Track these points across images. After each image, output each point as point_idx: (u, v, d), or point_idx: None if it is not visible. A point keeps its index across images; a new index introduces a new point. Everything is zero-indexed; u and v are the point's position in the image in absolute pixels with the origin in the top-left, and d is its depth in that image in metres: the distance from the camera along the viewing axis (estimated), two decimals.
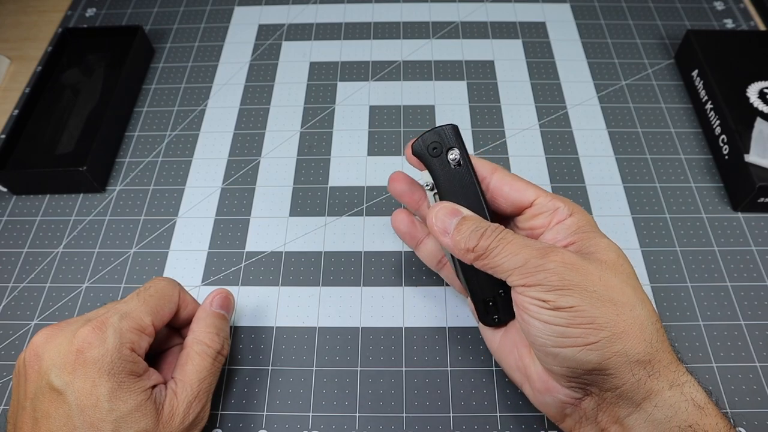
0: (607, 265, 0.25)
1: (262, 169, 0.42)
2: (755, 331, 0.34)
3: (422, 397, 0.32)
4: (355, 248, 0.38)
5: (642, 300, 0.25)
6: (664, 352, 0.24)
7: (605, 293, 0.24)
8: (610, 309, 0.24)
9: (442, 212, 0.28)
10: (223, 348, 0.30)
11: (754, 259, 0.37)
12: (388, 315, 0.35)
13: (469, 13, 0.52)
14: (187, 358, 0.29)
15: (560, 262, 0.25)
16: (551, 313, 0.24)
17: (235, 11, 0.53)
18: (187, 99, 0.47)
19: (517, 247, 0.26)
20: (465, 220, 0.27)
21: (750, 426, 0.31)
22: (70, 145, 0.42)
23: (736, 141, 0.39)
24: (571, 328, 0.24)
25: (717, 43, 0.45)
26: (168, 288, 0.30)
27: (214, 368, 0.29)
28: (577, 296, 0.24)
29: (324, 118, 0.45)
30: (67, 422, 0.24)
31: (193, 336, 0.30)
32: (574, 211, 0.28)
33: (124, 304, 0.28)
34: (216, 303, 0.31)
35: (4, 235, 0.40)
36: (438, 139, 0.29)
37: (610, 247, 0.26)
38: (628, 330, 0.24)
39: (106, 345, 0.25)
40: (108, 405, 0.25)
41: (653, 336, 0.24)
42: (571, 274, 0.24)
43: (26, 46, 0.52)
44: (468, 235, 0.27)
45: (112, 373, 0.25)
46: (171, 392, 0.27)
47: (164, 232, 0.39)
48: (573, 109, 0.45)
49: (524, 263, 0.25)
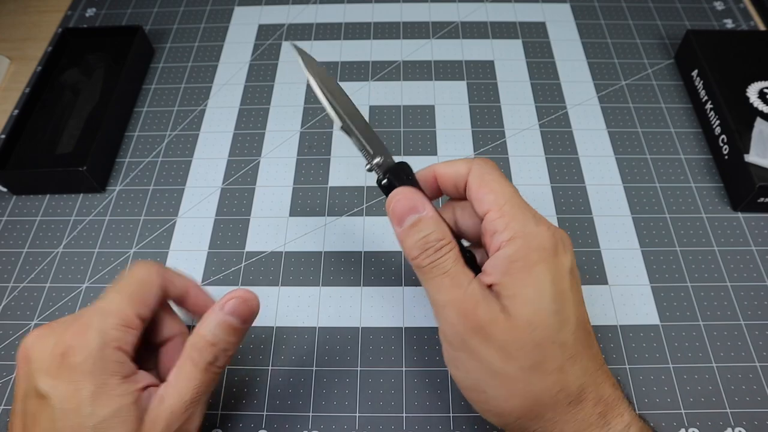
0: (513, 330, 0.23)
1: (262, 169, 0.42)
2: (755, 331, 0.34)
3: (422, 397, 0.32)
4: (355, 248, 0.38)
5: (545, 371, 0.23)
6: (568, 423, 0.23)
7: (501, 367, 0.23)
8: (501, 384, 0.24)
9: (400, 204, 0.26)
10: (217, 359, 0.26)
11: (754, 259, 0.37)
12: (388, 315, 0.35)
13: (469, 13, 0.52)
14: (181, 362, 0.26)
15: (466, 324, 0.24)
16: (451, 370, 0.26)
17: (235, 11, 0.53)
18: (187, 99, 0.47)
19: (446, 284, 0.24)
20: (420, 222, 0.26)
21: (750, 426, 0.31)
22: (70, 145, 0.42)
23: (736, 141, 0.39)
24: (466, 391, 0.25)
25: (717, 43, 0.45)
26: (144, 272, 0.27)
27: (204, 378, 0.26)
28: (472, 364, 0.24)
29: (324, 118, 0.45)
30: (52, 426, 0.24)
31: (190, 339, 0.26)
32: (515, 237, 0.24)
33: (104, 300, 0.26)
34: (228, 307, 0.26)
35: (4, 235, 0.40)
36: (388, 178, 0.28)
37: (529, 303, 0.23)
38: (517, 405, 0.24)
39: (89, 347, 0.24)
40: (89, 409, 0.24)
41: (548, 410, 0.23)
42: (471, 339, 0.24)
43: (26, 46, 0.52)
44: (413, 243, 0.25)
45: (95, 375, 0.24)
46: (158, 398, 0.25)
47: (164, 232, 0.39)
48: (573, 109, 0.45)
49: (442, 306, 0.25)
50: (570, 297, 0.24)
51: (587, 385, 0.24)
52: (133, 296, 0.26)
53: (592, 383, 0.24)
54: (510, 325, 0.23)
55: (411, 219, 0.26)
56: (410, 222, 0.26)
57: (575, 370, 0.23)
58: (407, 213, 0.26)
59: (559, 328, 0.23)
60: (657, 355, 0.33)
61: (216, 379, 0.27)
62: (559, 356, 0.23)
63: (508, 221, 0.24)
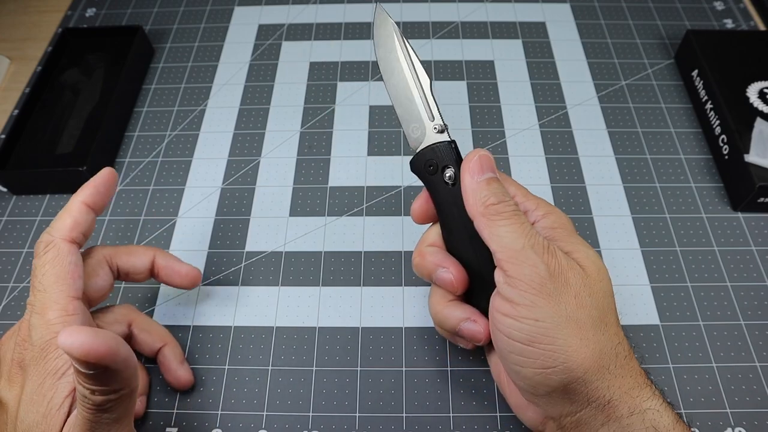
0: (587, 278, 0.25)
1: (262, 169, 0.42)
2: (755, 331, 0.34)
3: (422, 397, 0.32)
4: (355, 248, 0.38)
5: (607, 323, 0.24)
6: (626, 377, 0.24)
7: (574, 313, 0.24)
8: (574, 331, 0.23)
9: (485, 159, 0.27)
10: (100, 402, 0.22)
11: (754, 259, 0.37)
12: (388, 315, 0.35)
13: (469, 13, 0.52)
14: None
15: (548, 266, 0.24)
16: (513, 324, 0.24)
17: (235, 11, 0.53)
18: (187, 99, 0.47)
19: (525, 230, 0.25)
20: (497, 180, 0.27)
21: (750, 426, 0.31)
22: (70, 145, 0.42)
23: (736, 141, 0.39)
24: (530, 347, 0.24)
25: (717, 43, 0.45)
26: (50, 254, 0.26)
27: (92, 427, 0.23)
28: (547, 309, 0.24)
29: (324, 118, 0.45)
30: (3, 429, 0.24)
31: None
32: (549, 212, 0.27)
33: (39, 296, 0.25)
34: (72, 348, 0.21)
35: (4, 235, 0.40)
36: (433, 156, 0.28)
37: (590, 257, 0.26)
38: (587, 355, 0.23)
39: (32, 352, 0.24)
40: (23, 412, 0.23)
41: (612, 362, 0.24)
42: (551, 281, 0.24)
43: (26, 46, 0.52)
44: (492, 192, 0.26)
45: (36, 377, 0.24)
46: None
47: (164, 232, 0.39)
48: (573, 109, 0.45)
49: (521, 247, 0.24)
50: None
51: (630, 347, 0.25)
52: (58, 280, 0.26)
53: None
54: (584, 273, 0.25)
55: (490, 174, 0.27)
56: (489, 176, 0.26)
57: (621, 331, 0.25)
58: (488, 169, 0.27)
59: (611, 285, 0.26)
60: (657, 355, 0.33)
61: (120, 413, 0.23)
62: (615, 311, 0.25)
63: (537, 202, 0.28)
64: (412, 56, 0.30)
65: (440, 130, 0.28)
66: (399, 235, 0.38)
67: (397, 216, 0.39)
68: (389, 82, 0.30)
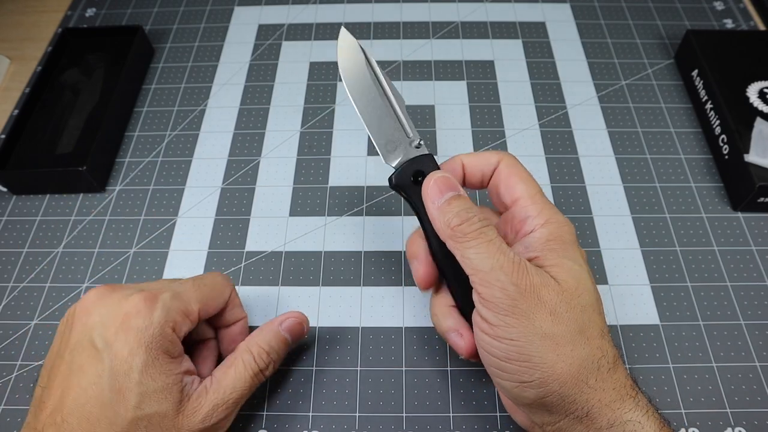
0: (563, 293, 0.24)
1: (262, 169, 0.42)
2: (755, 331, 0.34)
3: (422, 397, 0.32)
4: (355, 248, 0.38)
5: (588, 337, 0.24)
6: (607, 390, 0.24)
7: (550, 329, 0.24)
8: (550, 347, 0.23)
9: (441, 181, 0.27)
10: (267, 368, 0.29)
11: (754, 259, 0.37)
12: (388, 315, 0.35)
13: (469, 13, 0.52)
14: (233, 361, 0.28)
15: (519, 286, 0.24)
16: (491, 342, 0.25)
17: (235, 11, 0.53)
18: (187, 99, 0.47)
19: (492, 250, 0.25)
20: (459, 197, 0.26)
21: (750, 426, 0.31)
22: (70, 145, 0.42)
23: (736, 141, 0.39)
24: (507, 363, 0.24)
25: (717, 43, 0.45)
26: (222, 284, 0.30)
27: (252, 383, 0.28)
28: (521, 328, 0.24)
29: (324, 118, 0.45)
30: (98, 381, 0.25)
31: (247, 343, 0.29)
32: (549, 221, 0.27)
33: (179, 284, 0.28)
34: (285, 325, 0.30)
35: (4, 235, 0.40)
36: (420, 166, 0.28)
37: (572, 272, 0.25)
38: (564, 370, 0.23)
39: (152, 317, 0.26)
40: (138, 377, 0.25)
41: (591, 375, 0.24)
42: (523, 301, 0.24)
43: (26, 46, 0.52)
44: (455, 213, 0.26)
45: (150, 347, 0.25)
46: (203, 388, 0.27)
47: (164, 232, 0.39)
48: (573, 109, 0.45)
49: (489, 269, 0.24)
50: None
51: (617, 355, 0.25)
52: (205, 296, 0.28)
53: (618, 354, 0.25)
54: (559, 288, 0.24)
55: (450, 194, 0.26)
56: (450, 196, 0.26)
57: (610, 339, 0.25)
58: (446, 189, 0.27)
59: (597, 299, 0.26)
60: (657, 355, 0.33)
61: (257, 386, 0.29)
62: (600, 323, 0.25)
63: (540, 208, 0.27)
64: (381, 78, 0.30)
65: (418, 146, 0.29)
66: (399, 235, 0.38)
67: (397, 216, 0.39)
68: (360, 105, 0.30)
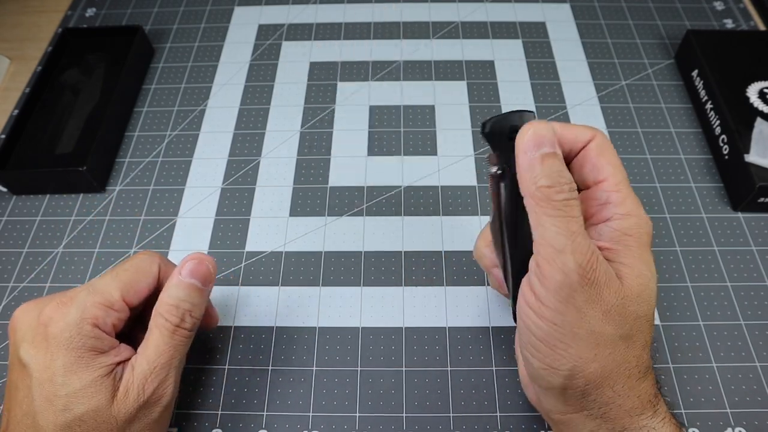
0: (623, 297, 0.23)
1: (262, 169, 0.42)
2: (755, 331, 0.34)
3: (422, 397, 0.32)
4: (355, 248, 0.38)
5: (630, 344, 0.23)
6: (630, 398, 0.23)
7: (598, 328, 0.23)
8: (591, 344, 0.23)
9: (541, 133, 0.24)
10: (183, 321, 0.27)
11: (754, 259, 0.37)
12: (388, 315, 0.35)
13: (469, 13, 0.52)
14: (149, 331, 0.27)
15: (582, 278, 0.22)
16: (534, 320, 0.24)
17: (235, 11, 0.53)
18: (187, 99, 0.47)
19: (573, 228, 0.23)
20: (554, 156, 0.24)
21: (750, 426, 0.31)
22: (70, 145, 0.42)
23: (736, 141, 0.39)
24: (543, 344, 0.24)
25: (717, 43, 0.45)
26: (145, 262, 0.28)
27: (174, 342, 0.27)
28: (569, 318, 0.23)
29: (324, 118, 0.45)
30: (28, 394, 0.25)
31: (155, 307, 0.27)
32: (630, 214, 0.25)
33: (97, 279, 0.28)
34: (185, 271, 0.28)
35: (4, 235, 0.40)
36: (520, 123, 0.25)
37: (641, 278, 0.24)
38: (596, 370, 0.23)
39: (66, 320, 0.25)
40: (62, 379, 0.25)
41: (619, 381, 0.23)
42: (582, 293, 0.23)
43: (26, 46, 0.52)
44: (546, 172, 0.23)
45: (71, 348, 0.25)
46: (129, 367, 0.26)
47: (164, 232, 0.39)
48: (573, 109, 0.45)
49: (561, 248, 0.22)
50: None
51: (651, 366, 0.25)
52: (125, 282, 0.27)
53: (651, 365, 0.25)
54: (622, 291, 0.23)
55: (546, 149, 0.24)
56: (545, 152, 0.24)
57: (649, 351, 0.25)
58: (544, 144, 0.24)
59: (654, 308, 0.25)
60: (657, 355, 0.33)
61: (186, 344, 0.28)
62: (648, 334, 0.24)
63: (624, 197, 0.25)
64: None
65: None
66: (399, 235, 0.38)
67: (397, 216, 0.39)
68: None
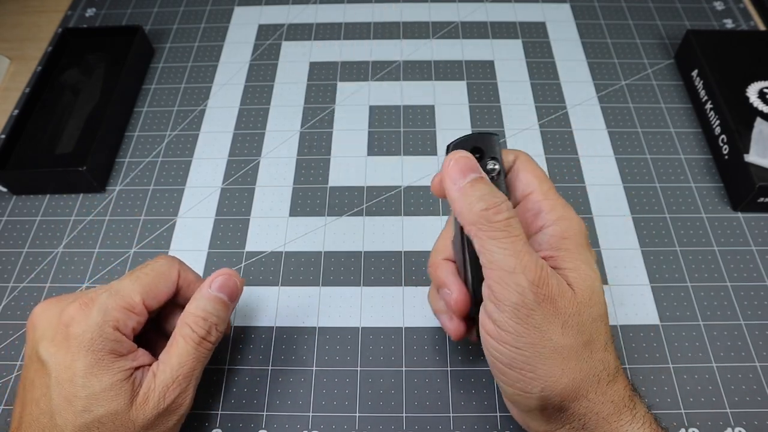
0: (577, 304, 0.23)
1: (262, 169, 0.42)
2: (755, 331, 0.34)
3: (422, 397, 0.32)
4: (355, 248, 0.38)
5: (593, 349, 0.24)
6: (605, 404, 0.23)
7: (560, 342, 0.23)
8: (557, 362, 0.23)
9: (463, 161, 0.25)
10: (209, 334, 0.28)
11: (754, 259, 0.37)
12: (388, 315, 0.35)
13: (469, 13, 0.52)
14: (173, 339, 0.27)
15: (536, 295, 0.22)
16: (496, 347, 0.24)
17: (235, 11, 0.53)
18: (187, 99, 0.47)
19: (518, 247, 0.23)
20: (482, 180, 0.24)
21: (750, 426, 0.31)
22: (70, 145, 0.42)
23: (736, 141, 0.39)
24: (510, 370, 0.24)
25: (717, 43, 0.45)
26: (165, 266, 0.29)
27: (198, 354, 0.27)
28: (530, 339, 0.23)
29: (324, 118, 0.45)
30: (46, 393, 0.25)
31: (182, 316, 0.28)
32: (563, 218, 0.25)
33: (118, 282, 0.28)
34: (215, 285, 0.28)
35: (4, 235, 0.40)
36: (481, 145, 0.26)
37: (588, 279, 0.24)
38: (567, 385, 0.23)
39: (88, 321, 0.25)
40: (82, 381, 0.25)
41: (591, 389, 0.23)
42: (539, 311, 0.23)
43: (26, 46, 0.52)
44: (478, 196, 0.24)
45: (92, 349, 0.25)
46: (150, 374, 0.26)
47: (164, 232, 0.39)
48: (573, 109, 0.45)
49: (511, 270, 0.23)
50: None
51: (619, 366, 0.24)
52: (146, 285, 0.28)
53: (620, 367, 0.25)
54: (575, 299, 0.23)
55: (473, 176, 0.24)
56: (473, 178, 0.24)
57: (612, 350, 0.24)
58: (468, 171, 0.25)
59: (606, 308, 0.25)
60: (657, 355, 0.33)
61: (208, 356, 0.28)
62: (606, 334, 0.24)
63: (553, 204, 0.26)
64: None
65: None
66: (399, 235, 0.38)
67: (397, 216, 0.39)
68: None
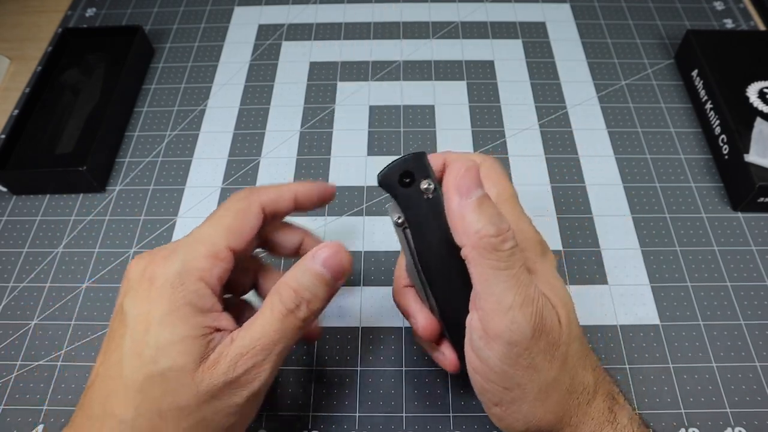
0: (561, 333, 0.23)
1: (262, 169, 0.42)
2: (755, 331, 0.34)
3: (422, 397, 0.32)
4: (355, 248, 0.38)
5: (573, 375, 0.23)
6: (587, 423, 0.23)
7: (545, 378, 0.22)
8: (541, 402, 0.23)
9: (472, 173, 0.23)
10: (298, 309, 0.24)
11: (754, 259, 0.37)
12: (388, 315, 0.35)
13: (469, 13, 0.52)
14: (261, 309, 0.24)
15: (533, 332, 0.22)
16: (483, 384, 0.24)
17: (235, 11, 0.53)
18: (187, 99, 0.47)
19: (520, 281, 0.22)
20: (488, 199, 0.23)
21: (750, 426, 0.31)
22: (70, 145, 0.42)
23: (736, 141, 0.39)
24: (496, 407, 0.24)
25: (717, 43, 0.45)
26: (243, 202, 0.26)
27: (283, 327, 0.24)
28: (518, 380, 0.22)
29: (324, 118, 0.45)
30: (121, 343, 0.23)
31: (275, 286, 0.25)
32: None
33: (198, 229, 0.26)
34: (318, 258, 0.24)
35: (4, 235, 0.40)
36: (411, 168, 0.26)
37: (563, 298, 0.24)
38: (550, 419, 0.23)
39: (168, 271, 0.24)
40: (155, 330, 0.23)
41: (573, 413, 0.23)
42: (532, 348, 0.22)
43: (26, 46, 0.52)
44: (489, 218, 0.22)
45: (170, 299, 0.23)
46: (229, 339, 0.23)
47: (164, 232, 0.39)
48: (573, 109, 0.45)
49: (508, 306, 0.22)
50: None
51: (596, 381, 0.24)
52: (227, 227, 0.25)
53: (599, 377, 0.24)
54: (560, 327, 0.23)
55: (479, 192, 0.23)
56: (480, 195, 0.23)
57: (588, 366, 0.24)
58: (475, 186, 0.23)
59: (577, 324, 0.24)
60: (657, 355, 0.33)
61: (296, 334, 0.24)
62: (581, 353, 0.24)
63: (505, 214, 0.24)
64: None
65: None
66: None
67: None
68: None
